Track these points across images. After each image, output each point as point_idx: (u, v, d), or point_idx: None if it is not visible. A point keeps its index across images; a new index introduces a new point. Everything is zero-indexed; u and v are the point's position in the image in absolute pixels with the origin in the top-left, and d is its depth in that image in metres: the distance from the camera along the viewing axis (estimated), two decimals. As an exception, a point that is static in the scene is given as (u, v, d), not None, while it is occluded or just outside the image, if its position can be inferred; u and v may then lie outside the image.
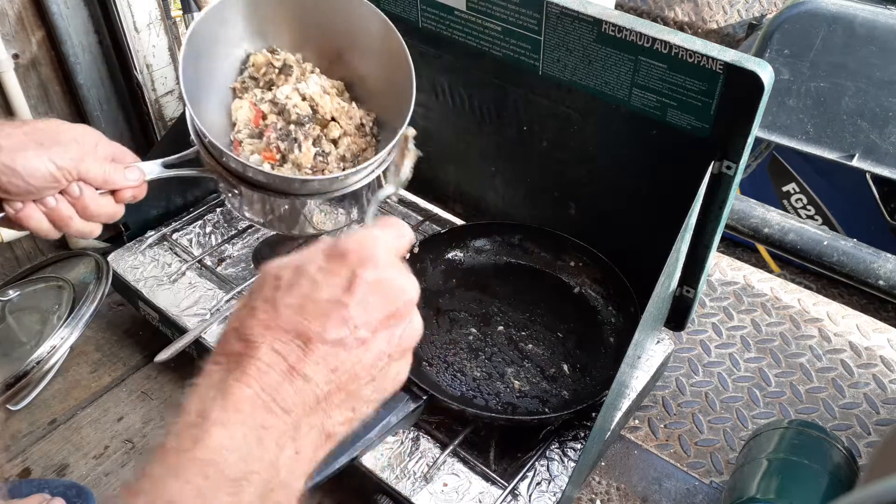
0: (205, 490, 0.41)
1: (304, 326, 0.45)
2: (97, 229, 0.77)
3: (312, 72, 0.94)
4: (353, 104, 0.95)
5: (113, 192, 0.77)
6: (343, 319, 0.45)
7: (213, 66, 0.91)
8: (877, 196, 1.93)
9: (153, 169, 0.82)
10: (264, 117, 0.90)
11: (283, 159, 0.88)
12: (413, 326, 0.50)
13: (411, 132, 0.85)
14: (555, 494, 0.83)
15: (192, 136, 0.85)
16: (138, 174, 0.79)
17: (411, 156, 0.82)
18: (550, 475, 0.85)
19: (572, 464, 0.86)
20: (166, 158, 0.83)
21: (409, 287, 0.49)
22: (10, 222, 0.74)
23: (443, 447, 0.87)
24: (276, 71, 0.92)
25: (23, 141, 0.70)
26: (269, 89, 0.92)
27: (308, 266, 0.47)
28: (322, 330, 0.45)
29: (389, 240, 0.50)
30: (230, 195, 0.90)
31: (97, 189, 0.76)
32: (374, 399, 0.50)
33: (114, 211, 0.78)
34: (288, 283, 0.46)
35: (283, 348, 0.45)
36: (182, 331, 1.00)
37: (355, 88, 0.96)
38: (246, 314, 0.46)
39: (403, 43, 0.88)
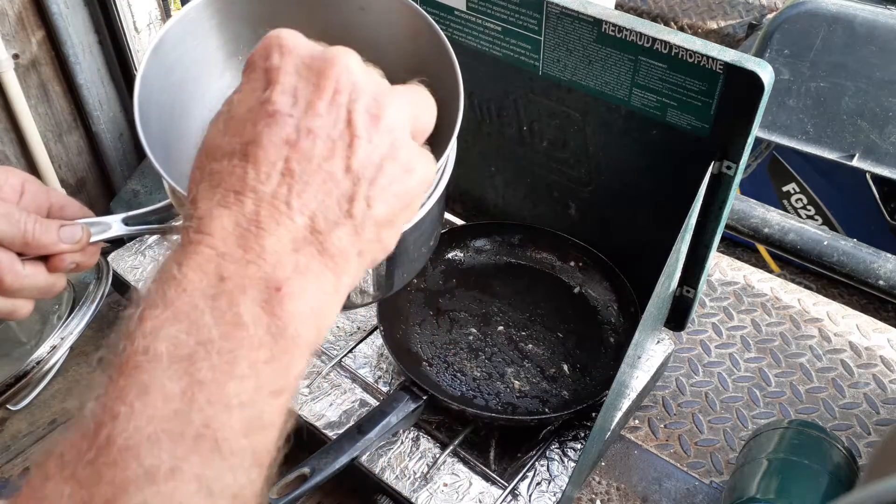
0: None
1: (237, 144, 0.38)
2: (24, 308, 0.58)
3: None
4: None
5: (46, 260, 0.57)
6: (269, 114, 0.38)
7: (191, 101, 0.64)
8: (877, 196, 1.93)
9: (107, 227, 0.61)
10: None
11: None
12: (365, 87, 0.40)
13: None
14: (555, 494, 0.83)
15: (166, 188, 0.58)
16: (79, 233, 0.58)
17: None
18: (550, 475, 0.85)
19: (572, 464, 0.86)
20: (129, 213, 0.63)
21: (335, 50, 0.41)
22: None
23: (443, 447, 0.87)
24: None
25: None
26: None
27: (233, 96, 0.41)
28: (255, 136, 0.38)
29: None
30: None
31: (19, 255, 0.55)
32: (375, 197, 0.40)
33: (45, 284, 0.58)
34: (219, 121, 0.41)
35: (222, 179, 0.38)
36: (182, 331, 1.00)
37: None
38: (196, 166, 0.40)
39: (443, 35, 0.62)
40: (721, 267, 1.26)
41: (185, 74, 0.62)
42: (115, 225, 0.62)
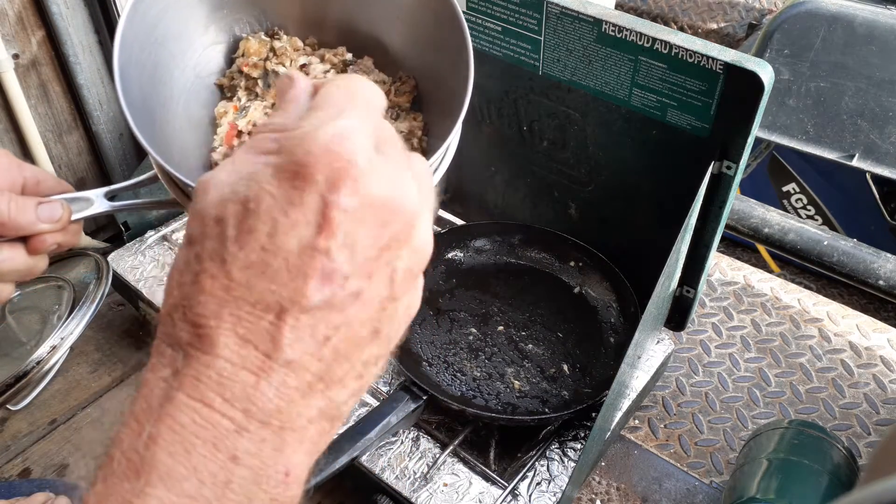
0: None
1: (272, 294, 0.32)
2: (4, 291, 0.54)
3: (328, 71, 0.65)
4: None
5: (25, 241, 0.53)
6: (324, 273, 0.32)
7: (172, 61, 0.60)
8: (877, 196, 1.93)
9: (89, 203, 0.56)
10: (239, 134, 0.63)
11: None
12: (417, 246, 0.35)
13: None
14: (555, 494, 0.83)
15: (151, 160, 0.55)
16: (59, 211, 0.53)
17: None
18: (550, 475, 0.85)
19: (572, 464, 0.86)
20: (111, 187, 0.58)
21: (407, 192, 0.34)
22: None
23: (443, 447, 0.87)
24: (267, 71, 0.64)
25: None
26: (256, 95, 0.65)
27: (259, 197, 0.32)
28: (298, 295, 0.32)
29: (363, 121, 0.34)
30: None
31: None
32: (385, 353, 0.36)
33: (25, 266, 0.53)
34: (237, 230, 0.32)
35: (249, 331, 0.32)
36: (182, 331, 1.00)
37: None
38: (189, 281, 0.33)
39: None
40: (721, 267, 1.26)
41: (167, 31, 0.57)
42: (97, 200, 0.57)
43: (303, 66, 0.64)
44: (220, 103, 0.65)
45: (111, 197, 0.58)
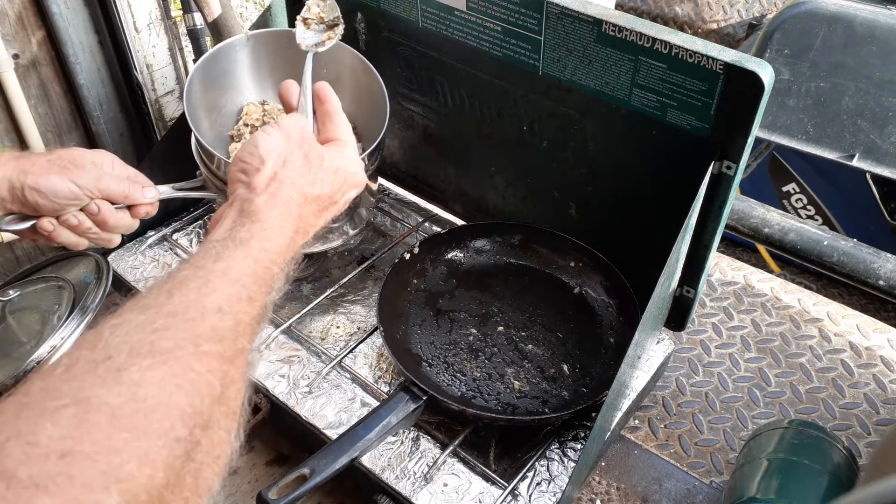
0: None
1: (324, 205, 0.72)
2: (116, 239, 0.87)
3: None
4: None
5: (130, 209, 0.86)
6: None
7: (218, 107, 1.06)
8: (877, 196, 1.93)
9: (165, 190, 0.91)
10: None
11: None
12: (301, 162, 0.70)
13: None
14: (555, 494, 0.83)
15: (200, 166, 0.98)
16: (154, 192, 0.87)
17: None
18: (550, 475, 0.85)
19: (572, 464, 0.86)
20: (178, 183, 0.95)
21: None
22: (43, 238, 0.84)
23: (443, 447, 0.87)
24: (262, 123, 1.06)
25: (47, 167, 0.79)
26: None
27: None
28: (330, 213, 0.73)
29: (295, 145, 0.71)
30: None
31: (115, 205, 0.84)
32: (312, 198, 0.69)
33: (130, 224, 0.87)
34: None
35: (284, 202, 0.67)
36: (182, 331, 1.00)
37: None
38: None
39: (374, 70, 1.01)
40: (721, 267, 1.26)
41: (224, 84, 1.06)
42: (168, 190, 0.91)
43: None
44: (232, 145, 1.07)
45: (176, 189, 0.93)
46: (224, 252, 0.58)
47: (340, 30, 0.87)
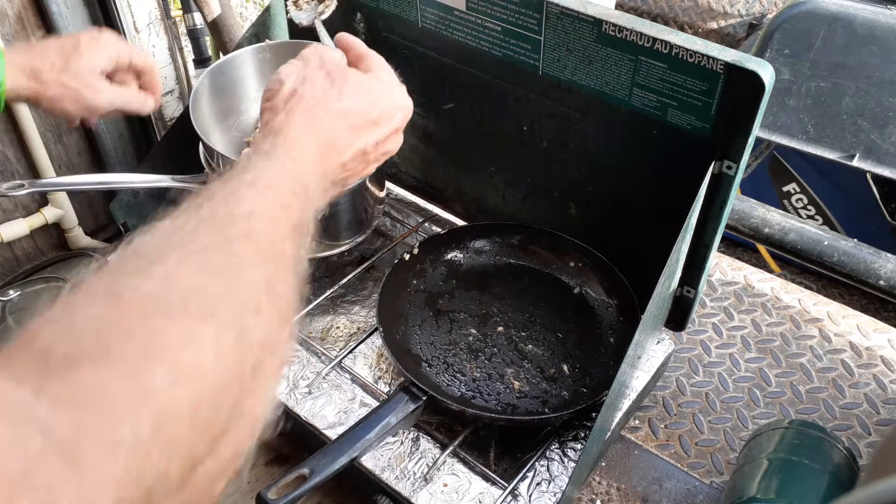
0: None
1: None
2: (151, 103, 0.98)
3: None
4: None
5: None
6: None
7: (230, 116, 1.07)
8: (877, 196, 1.93)
9: (164, 179, 0.96)
10: None
11: None
12: (325, 80, 0.69)
13: None
14: (555, 495, 0.83)
15: (206, 166, 0.99)
16: (151, 58, 1.01)
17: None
18: (550, 475, 0.85)
19: (572, 464, 0.86)
20: (178, 175, 0.97)
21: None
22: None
23: (443, 447, 0.87)
24: None
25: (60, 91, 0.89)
26: None
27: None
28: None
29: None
30: None
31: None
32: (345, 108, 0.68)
33: (140, 98, 0.97)
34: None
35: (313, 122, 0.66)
36: (182, 331, 1.00)
37: None
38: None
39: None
40: (721, 267, 1.26)
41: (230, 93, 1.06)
42: (168, 179, 0.96)
43: None
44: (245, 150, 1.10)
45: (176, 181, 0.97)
46: (249, 164, 0.57)
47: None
